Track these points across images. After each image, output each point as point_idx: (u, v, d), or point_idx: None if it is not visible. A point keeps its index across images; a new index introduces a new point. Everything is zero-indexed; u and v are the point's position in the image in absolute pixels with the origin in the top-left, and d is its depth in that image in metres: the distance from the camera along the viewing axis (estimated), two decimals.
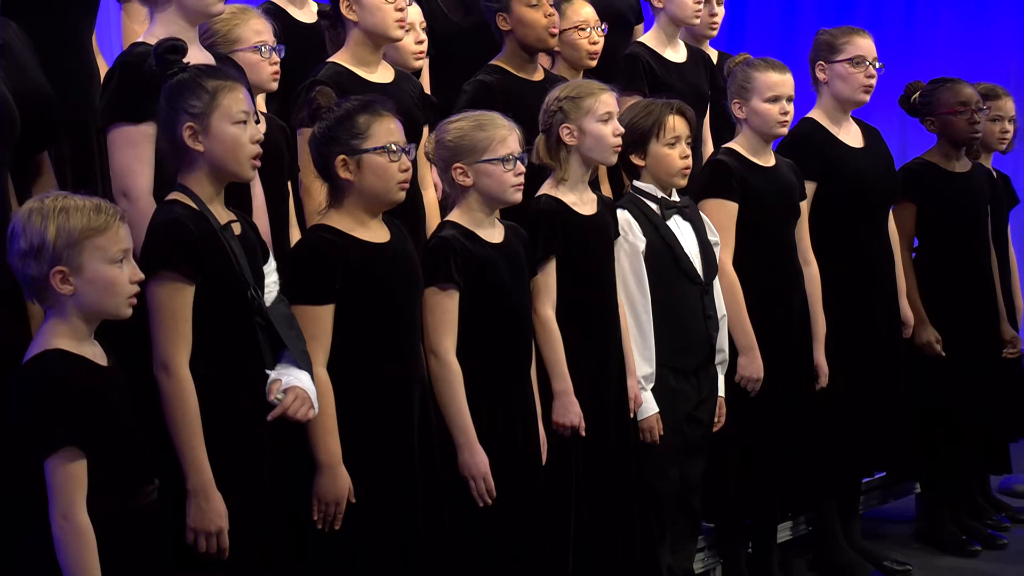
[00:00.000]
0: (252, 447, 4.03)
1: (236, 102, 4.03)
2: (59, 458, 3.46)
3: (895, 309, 6.41)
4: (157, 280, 3.88)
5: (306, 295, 4.27)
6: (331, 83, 4.98)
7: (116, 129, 4.34)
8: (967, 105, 6.65)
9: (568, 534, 4.99)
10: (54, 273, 3.53)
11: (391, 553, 4.33)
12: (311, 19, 6.26)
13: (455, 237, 4.68)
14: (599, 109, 5.12)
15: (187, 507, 3.85)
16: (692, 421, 5.48)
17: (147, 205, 4.21)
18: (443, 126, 4.81)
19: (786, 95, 5.78)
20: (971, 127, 6.66)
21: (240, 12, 4.94)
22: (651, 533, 5.33)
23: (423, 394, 4.50)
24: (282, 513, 4.14)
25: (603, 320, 5.16)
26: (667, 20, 6.61)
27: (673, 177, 5.44)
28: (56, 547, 3.46)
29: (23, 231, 3.55)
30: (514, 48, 5.83)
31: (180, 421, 3.85)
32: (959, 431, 6.68)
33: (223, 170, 4.04)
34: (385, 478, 4.34)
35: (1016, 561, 6.65)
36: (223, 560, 3.89)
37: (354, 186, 4.36)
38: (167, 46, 4.11)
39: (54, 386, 3.51)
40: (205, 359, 3.93)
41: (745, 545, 6.05)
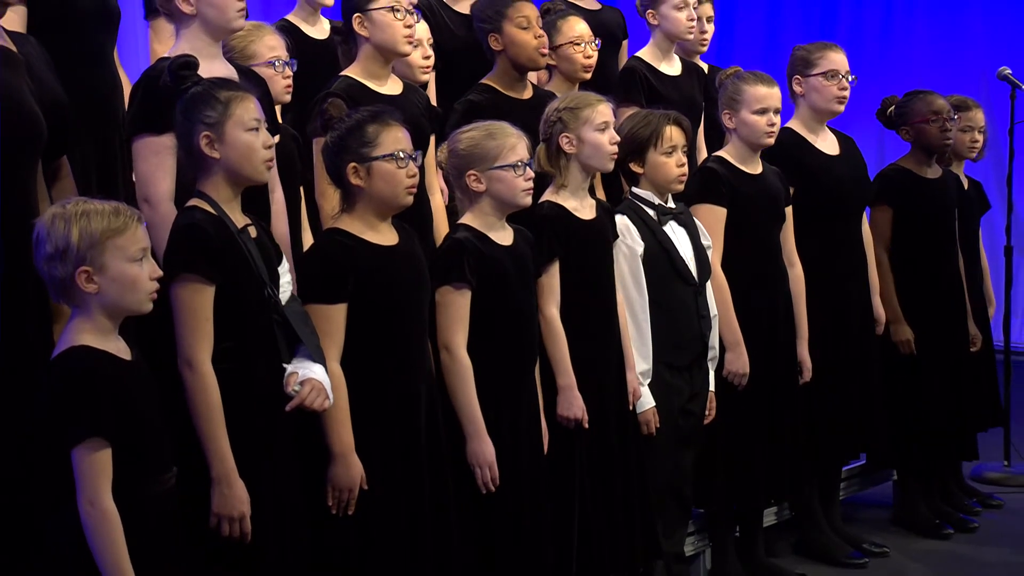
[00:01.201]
0: (271, 436, 4.02)
1: (248, 111, 4.04)
2: (85, 447, 3.46)
3: (868, 307, 6.41)
4: (179, 282, 3.88)
5: (320, 295, 4.26)
6: (343, 95, 4.99)
7: (140, 140, 4.35)
8: (939, 114, 6.64)
9: (572, 520, 4.96)
10: (79, 273, 3.53)
11: (400, 536, 4.32)
12: (323, 35, 6.28)
13: (468, 239, 4.66)
14: (596, 119, 5.09)
15: (211, 494, 3.85)
16: (685, 414, 5.46)
17: (167, 210, 4.22)
18: (455, 136, 4.79)
19: (773, 107, 5.77)
20: (943, 135, 6.65)
21: (255, 29, 4.96)
22: (651, 518, 5.31)
23: (430, 387, 4.48)
24: (298, 498, 4.12)
25: (603, 318, 5.14)
26: (662, 36, 6.61)
27: (670, 184, 5.41)
28: (85, 531, 3.46)
29: (48, 236, 3.55)
30: (505, 67, 5.80)
31: (204, 413, 3.85)
32: (932, 422, 6.67)
33: (239, 175, 4.04)
34: (394, 466, 4.32)
35: (986, 543, 6.64)
36: (245, 543, 3.88)
37: (365, 192, 4.34)
38: (181, 62, 4.14)
39: (80, 380, 3.51)
40: (226, 354, 3.93)
41: (733, 529, 6.03)
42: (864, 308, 6.37)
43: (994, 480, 7.51)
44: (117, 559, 3.46)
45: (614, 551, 5.16)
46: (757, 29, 11.55)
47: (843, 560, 6.27)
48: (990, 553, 6.50)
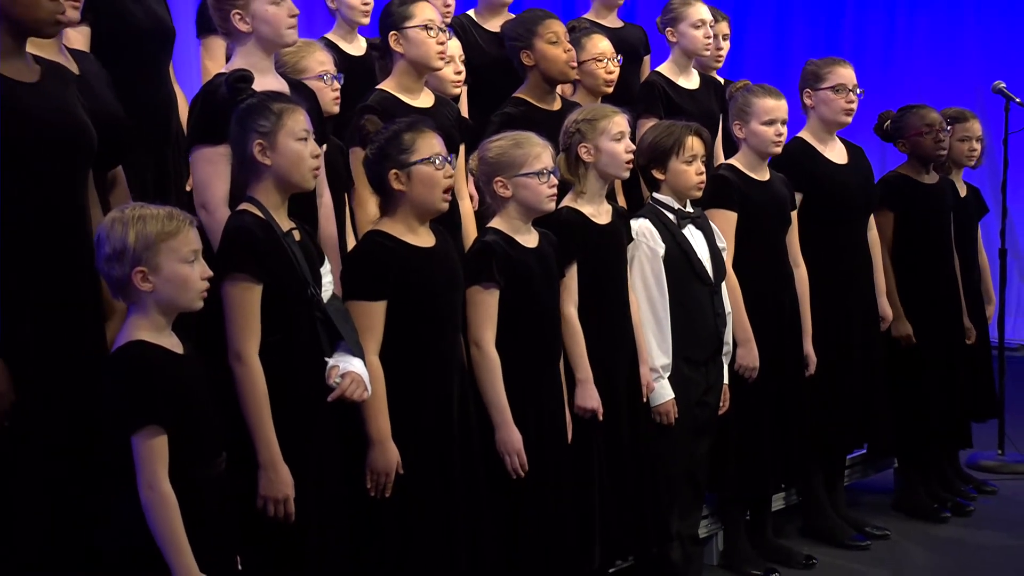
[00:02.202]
0: (314, 424, 4.04)
1: (298, 122, 4.04)
2: (143, 434, 3.48)
3: (873, 305, 6.39)
4: (230, 281, 3.90)
5: (362, 292, 4.27)
6: (378, 107, 5.00)
7: (198, 150, 4.36)
8: (932, 127, 6.64)
9: (592, 503, 4.96)
10: (135, 273, 3.56)
11: (435, 517, 4.33)
12: (360, 52, 6.28)
13: (496, 242, 4.66)
14: (613, 129, 5.08)
15: (258, 477, 3.86)
16: (701, 405, 5.45)
17: (222, 215, 4.22)
18: (485, 145, 4.80)
19: (780, 118, 5.77)
20: (936, 145, 6.64)
21: (305, 45, 4.97)
22: (661, 501, 5.30)
23: (462, 380, 4.49)
24: (339, 482, 4.14)
25: (616, 316, 5.13)
26: (680, 52, 6.61)
27: (690, 190, 5.41)
28: (145, 512, 3.48)
29: (107, 238, 3.58)
30: (536, 81, 5.81)
31: (251, 403, 3.87)
32: (931, 413, 6.66)
33: (288, 181, 4.05)
34: (429, 452, 4.33)
35: (981, 527, 6.62)
36: (289, 523, 3.90)
37: (406, 196, 4.35)
38: (237, 76, 4.16)
39: (138, 372, 3.53)
40: (272, 349, 3.94)
41: (744, 513, 6.02)
42: (868, 306, 6.35)
43: (989, 468, 7.49)
44: (175, 537, 3.48)
45: (628, 534, 5.17)
46: (766, 45, 11.52)
47: (847, 542, 6.26)
48: (985, 536, 6.49)
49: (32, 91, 3.80)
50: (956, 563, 6.14)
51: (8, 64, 3.77)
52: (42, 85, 3.85)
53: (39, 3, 3.76)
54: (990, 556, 6.23)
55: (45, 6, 3.77)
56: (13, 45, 3.79)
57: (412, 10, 5.31)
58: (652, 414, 5.27)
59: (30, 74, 3.84)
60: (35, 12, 3.75)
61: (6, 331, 3.70)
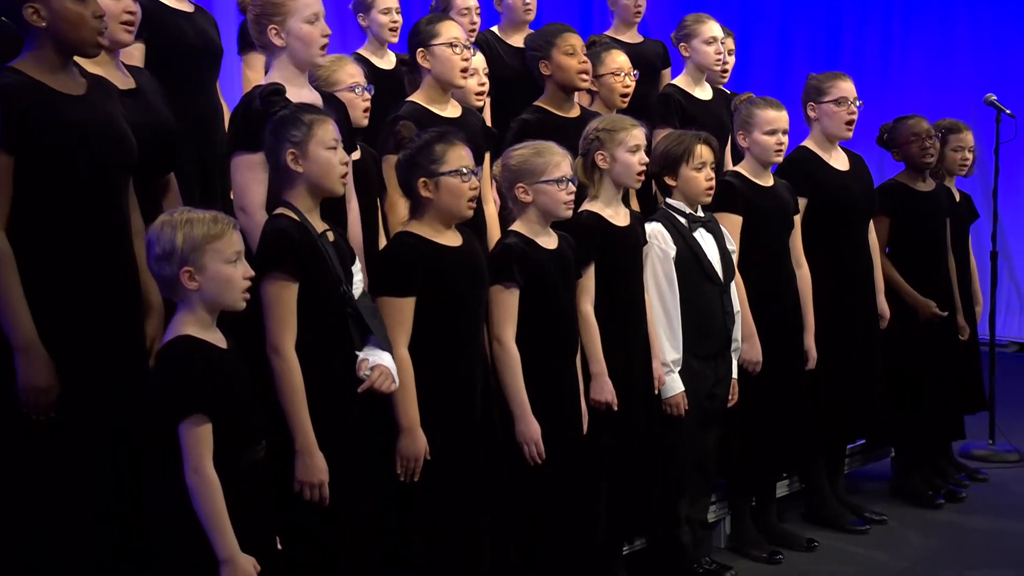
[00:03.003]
0: (346, 414, 4.05)
1: (328, 131, 4.05)
2: (189, 423, 3.49)
3: (872, 304, 6.37)
4: (268, 279, 3.91)
5: (393, 288, 4.28)
6: (409, 118, 5.00)
7: (237, 157, 4.35)
8: (919, 135, 6.62)
9: (603, 489, 4.97)
10: (182, 272, 3.57)
11: (460, 500, 4.35)
12: (389, 66, 6.31)
13: (517, 244, 4.67)
14: (630, 141, 5.08)
15: (295, 464, 3.88)
16: (710, 397, 5.45)
17: (260, 218, 4.22)
18: (508, 153, 4.81)
19: (782, 128, 5.77)
20: (923, 152, 6.62)
21: (338, 59, 4.97)
22: (669, 489, 5.32)
23: (485, 373, 4.50)
24: (370, 468, 4.15)
25: (632, 313, 5.13)
26: (694, 66, 6.63)
27: (699, 196, 5.41)
28: (190, 496, 3.50)
29: (157, 240, 3.59)
30: (553, 90, 5.81)
31: (288, 394, 3.88)
32: (925, 406, 6.66)
33: (319, 187, 4.06)
34: (454, 440, 4.35)
35: (973, 512, 6.62)
36: (324, 506, 3.92)
37: (433, 203, 4.36)
38: (270, 89, 4.18)
39: (185, 365, 3.55)
40: (307, 343, 3.95)
41: (749, 499, 6.02)
42: (869, 305, 6.33)
43: (980, 457, 7.46)
44: (219, 519, 3.49)
45: (637, 518, 5.19)
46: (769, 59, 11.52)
47: (847, 527, 6.25)
48: (977, 521, 6.48)
49: (77, 103, 3.84)
50: (950, 546, 6.12)
51: (55, 78, 3.82)
52: (87, 98, 3.89)
53: (83, 24, 3.81)
54: (982, 539, 6.23)
55: (90, 25, 3.82)
56: (60, 61, 3.84)
57: (439, 28, 5.34)
58: (663, 406, 5.27)
59: (76, 87, 3.88)
60: (79, 33, 3.81)
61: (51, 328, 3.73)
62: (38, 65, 3.81)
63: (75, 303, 3.80)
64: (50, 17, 3.77)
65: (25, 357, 3.68)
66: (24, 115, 3.72)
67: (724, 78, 6.86)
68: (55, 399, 3.72)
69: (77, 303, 3.80)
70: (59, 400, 3.73)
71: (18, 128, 3.71)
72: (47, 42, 3.80)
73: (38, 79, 3.79)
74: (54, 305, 3.75)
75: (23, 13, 3.76)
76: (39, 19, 3.77)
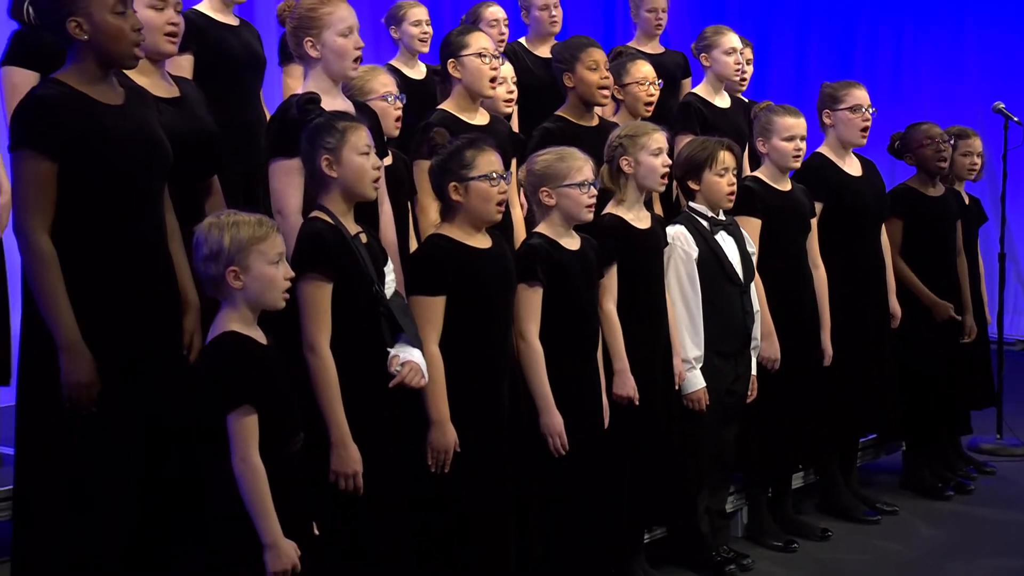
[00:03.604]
0: (378, 407, 4.06)
1: (360, 138, 4.06)
2: (237, 414, 3.52)
3: (885, 304, 6.35)
4: (304, 280, 3.91)
5: (424, 288, 4.29)
6: (440, 125, 4.99)
7: (275, 163, 4.37)
8: (933, 139, 6.61)
9: (624, 480, 4.98)
10: (228, 272, 3.59)
11: (487, 490, 4.35)
12: (420, 76, 6.33)
13: (541, 245, 4.67)
14: (652, 145, 5.08)
15: (330, 455, 3.89)
16: (730, 393, 5.44)
17: (296, 221, 4.24)
18: (533, 158, 4.81)
19: (799, 135, 5.75)
20: (937, 155, 6.60)
21: (371, 70, 4.98)
22: (689, 480, 5.31)
23: (511, 368, 4.50)
24: (402, 459, 4.16)
25: (653, 313, 5.12)
26: (714, 76, 6.61)
27: (721, 200, 5.39)
28: (237, 483, 3.52)
29: (204, 240, 3.61)
30: (575, 101, 5.80)
31: (323, 389, 3.89)
32: (935, 402, 6.65)
33: (352, 191, 4.07)
34: (482, 433, 4.34)
35: (981, 504, 6.60)
36: (358, 496, 3.93)
37: (463, 206, 4.36)
38: (306, 98, 4.19)
39: (232, 360, 3.57)
40: (341, 340, 3.96)
41: (766, 490, 6.02)
42: (881, 305, 6.32)
43: (988, 451, 7.44)
44: (263, 504, 3.51)
45: (658, 508, 5.18)
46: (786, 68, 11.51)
47: (859, 517, 6.25)
48: (984, 512, 6.46)
49: (116, 112, 3.86)
50: (958, 536, 6.11)
51: (95, 89, 3.84)
52: (125, 107, 3.90)
53: (122, 37, 3.83)
54: (989, 530, 6.21)
55: (129, 38, 3.84)
56: (100, 73, 3.86)
57: (468, 39, 5.35)
58: (684, 401, 5.27)
59: (115, 97, 3.89)
60: (119, 45, 3.82)
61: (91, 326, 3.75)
62: (80, 76, 3.83)
63: (114, 302, 3.81)
64: (91, 30, 3.79)
65: (68, 355, 3.69)
66: (66, 124, 3.74)
67: (742, 87, 6.84)
68: (96, 395, 3.73)
69: (116, 302, 3.81)
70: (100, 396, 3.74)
71: (60, 136, 3.73)
72: (88, 54, 3.82)
73: (79, 90, 3.81)
74: (95, 304, 3.76)
75: (66, 27, 3.79)
76: (81, 32, 3.79)
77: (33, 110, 3.75)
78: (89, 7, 3.77)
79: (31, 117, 3.74)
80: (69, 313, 3.70)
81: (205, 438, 3.58)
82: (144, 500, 3.87)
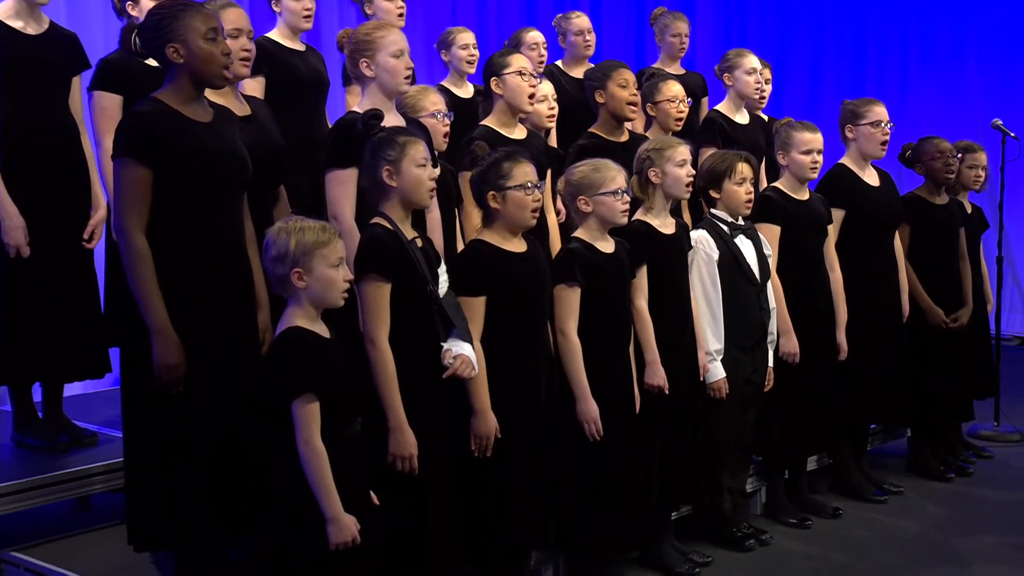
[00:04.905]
0: (432, 397, 4.07)
1: (419, 151, 4.08)
2: (301, 401, 3.54)
3: (897, 303, 6.33)
4: (365, 280, 3.95)
5: (467, 289, 4.27)
6: (481, 139, 5.02)
7: (332, 172, 4.41)
8: (943, 153, 6.58)
9: (654, 463, 4.97)
10: (293, 273, 3.61)
11: (527, 473, 4.35)
12: (468, 95, 6.34)
13: (579, 248, 4.67)
14: (677, 157, 5.08)
15: (388, 439, 3.92)
16: (748, 383, 5.42)
17: (350, 227, 4.29)
18: (570, 170, 4.80)
19: (817, 149, 5.74)
20: (946, 168, 6.58)
21: (423, 90, 5.00)
22: (713, 463, 5.30)
23: (548, 362, 4.49)
24: (452, 444, 4.17)
25: (679, 309, 5.11)
26: (735, 94, 6.61)
27: (740, 207, 5.40)
28: (302, 464, 3.54)
29: (274, 243, 3.65)
30: (606, 117, 5.80)
31: (382, 379, 3.91)
32: (939, 392, 6.61)
33: (409, 199, 4.09)
34: (522, 421, 4.34)
35: (979, 485, 6.57)
36: (413, 476, 3.95)
37: (500, 213, 4.36)
38: (371, 114, 4.22)
39: (297, 352, 3.59)
40: (398, 335, 3.98)
41: (783, 472, 6.00)
42: (894, 304, 6.29)
43: (986, 437, 7.39)
44: (325, 483, 3.53)
45: (684, 488, 5.17)
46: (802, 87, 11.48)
47: (868, 497, 6.23)
48: (983, 493, 6.43)
49: (205, 129, 3.97)
50: (959, 514, 6.08)
51: (188, 107, 3.96)
52: (213, 124, 4.01)
53: (213, 61, 3.95)
54: (987, 508, 6.17)
55: (219, 60, 3.96)
56: (193, 93, 3.98)
57: (509, 60, 5.38)
58: (707, 390, 5.25)
59: (205, 115, 4.00)
60: (210, 68, 3.95)
61: (179, 315, 3.84)
62: (175, 95, 3.96)
63: (199, 296, 3.90)
64: (187, 55, 3.93)
65: (159, 339, 3.80)
66: (161, 137, 3.86)
67: (762, 105, 6.83)
68: (183, 376, 3.82)
69: (201, 296, 3.91)
70: (186, 377, 3.83)
71: (156, 148, 3.85)
72: (184, 76, 3.95)
73: (174, 107, 3.94)
74: (182, 297, 3.86)
75: (165, 52, 3.93)
76: (178, 57, 3.93)
77: (134, 124, 3.88)
78: (185, 35, 3.91)
79: (132, 130, 3.87)
80: (160, 303, 3.80)
81: (274, 422, 3.60)
82: (223, 474, 3.93)
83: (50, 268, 5.06)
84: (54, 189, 5.09)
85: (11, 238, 4.92)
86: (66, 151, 5.15)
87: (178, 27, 3.90)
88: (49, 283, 5.08)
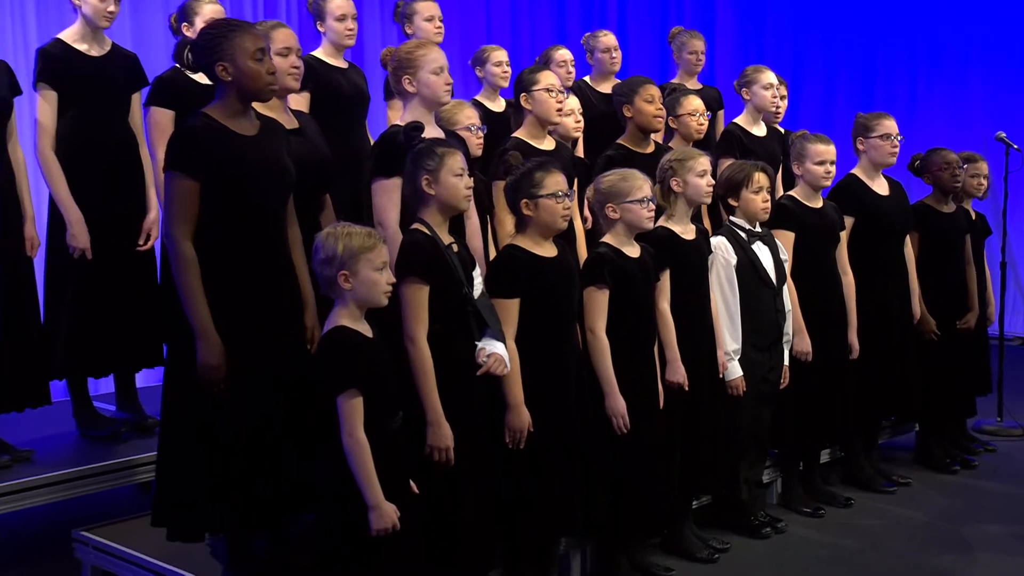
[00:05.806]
0: (467, 393, 4.07)
1: (456, 161, 4.09)
2: (346, 396, 3.54)
3: (907, 306, 6.30)
4: (405, 282, 3.94)
5: (501, 291, 4.27)
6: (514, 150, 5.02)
7: (377, 182, 4.41)
8: (950, 164, 6.54)
9: (676, 455, 4.96)
10: (340, 275, 3.62)
11: (558, 463, 4.34)
12: (500, 109, 6.34)
13: (607, 253, 4.66)
14: (698, 168, 5.06)
15: (426, 432, 3.91)
16: (764, 381, 5.40)
17: (394, 232, 4.28)
18: (599, 179, 4.79)
19: (830, 159, 5.72)
20: (953, 178, 6.54)
21: (458, 104, 5.02)
22: (732, 454, 5.28)
23: (577, 360, 4.48)
24: (486, 437, 4.17)
25: (699, 311, 5.09)
26: (753, 108, 6.58)
27: (757, 215, 5.39)
28: (346, 456, 3.54)
29: (323, 246, 3.66)
30: (633, 130, 5.79)
31: (421, 375, 3.91)
32: (945, 389, 6.58)
33: (448, 206, 4.09)
34: (552, 414, 4.33)
35: (983, 477, 6.52)
36: (450, 467, 3.95)
37: (533, 220, 4.35)
38: (411, 127, 4.23)
39: (342, 349, 3.59)
40: (436, 334, 3.97)
41: (798, 464, 5.97)
42: (904, 307, 6.26)
43: (990, 431, 7.34)
44: (368, 473, 3.54)
45: (704, 479, 5.16)
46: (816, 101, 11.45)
47: (878, 488, 6.20)
48: (986, 485, 6.39)
49: (252, 142, 3.97)
50: (964, 504, 6.04)
51: (235, 122, 3.96)
52: (260, 137, 4.01)
53: (259, 78, 3.97)
54: (991, 499, 6.14)
55: (264, 79, 3.98)
56: (240, 107, 3.98)
57: (538, 77, 5.39)
58: (726, 387, 5.24)
59: (251, 129, 4.00)
60: (256, 84, 3.96)
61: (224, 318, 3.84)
62: (223, 111, 3.96)
63: (242, 299, 3.91)
64: (235, 73, 3.93)
65: (202, 341, 3.80)
66: (208, 151, 3.86)
67: (778, 118, 6.81)
68: (224, 375, 3.82)
69: (244, 299, 3.91)
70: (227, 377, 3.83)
71: (204, 161, 3.85)
72: (232, 92, 3.96)
73: (222, 122, 3.94)
74: (227, 300, 3.87)
75: (215, 69, 3.94)
76: (227, 74, 3.94)
77: (183, 138, 3.90)
78: (234, 54, 3.92)
79: (181, 144, 3.88)
80: (205, 307, 3.80)
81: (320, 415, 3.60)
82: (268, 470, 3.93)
83: (111, 268, 5.18)
84: (114, 197, 5.22)
85: (77, 241, 5.02)
86: (125, 162, 5.28)
87: (227, 47, 3.91)
88: (111, 282, 5.19)
